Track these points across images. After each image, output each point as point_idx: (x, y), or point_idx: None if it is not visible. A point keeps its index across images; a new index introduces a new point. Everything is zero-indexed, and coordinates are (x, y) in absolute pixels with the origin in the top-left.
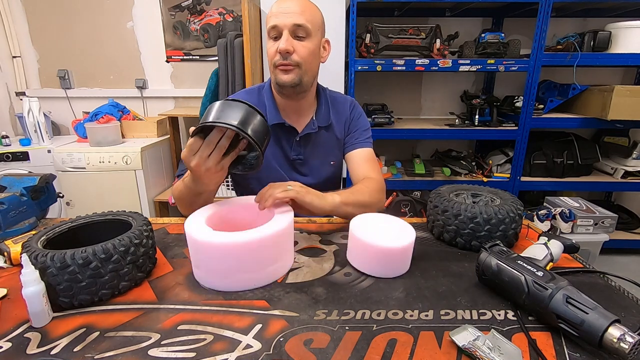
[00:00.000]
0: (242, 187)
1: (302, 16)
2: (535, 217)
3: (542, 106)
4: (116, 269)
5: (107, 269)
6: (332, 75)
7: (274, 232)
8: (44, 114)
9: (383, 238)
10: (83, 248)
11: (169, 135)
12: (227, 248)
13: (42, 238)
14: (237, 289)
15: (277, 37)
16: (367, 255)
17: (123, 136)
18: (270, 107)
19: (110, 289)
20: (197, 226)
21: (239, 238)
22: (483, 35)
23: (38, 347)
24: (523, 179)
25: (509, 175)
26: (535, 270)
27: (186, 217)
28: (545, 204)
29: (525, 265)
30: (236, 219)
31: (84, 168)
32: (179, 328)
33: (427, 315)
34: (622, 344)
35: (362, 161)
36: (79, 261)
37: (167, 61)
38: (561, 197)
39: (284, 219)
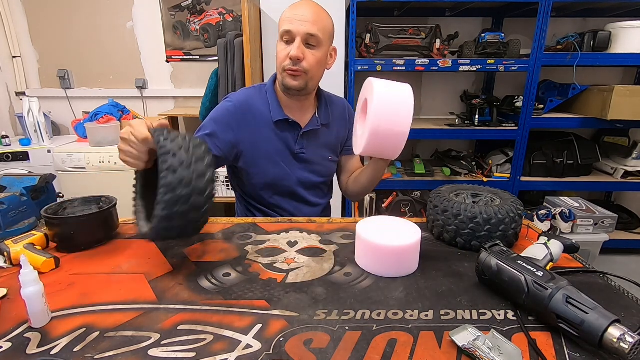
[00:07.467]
0: (240, 180)
1: (315, 26)
2: (535, 217)
3: (542, 106)
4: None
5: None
6: (332, 75)
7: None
8: (44, 114)
9: (392, 238)
10: None
11: None
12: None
13: None
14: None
15: (289, 42)
16: (377, 256)
17: None
18: (274, 104)
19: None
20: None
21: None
22: (483, 35)
23: (38, 347)
24: (523, 179)
25: (509, 175)
26: (535, 270)
27: None
28: (545, 204)
29: (525, 265)
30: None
31: (84, 168)
32: (179, 328)
33: (427, 315)
34: (622, 344)
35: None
36: None
37: (167, 61)
38: (561, 197)
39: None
